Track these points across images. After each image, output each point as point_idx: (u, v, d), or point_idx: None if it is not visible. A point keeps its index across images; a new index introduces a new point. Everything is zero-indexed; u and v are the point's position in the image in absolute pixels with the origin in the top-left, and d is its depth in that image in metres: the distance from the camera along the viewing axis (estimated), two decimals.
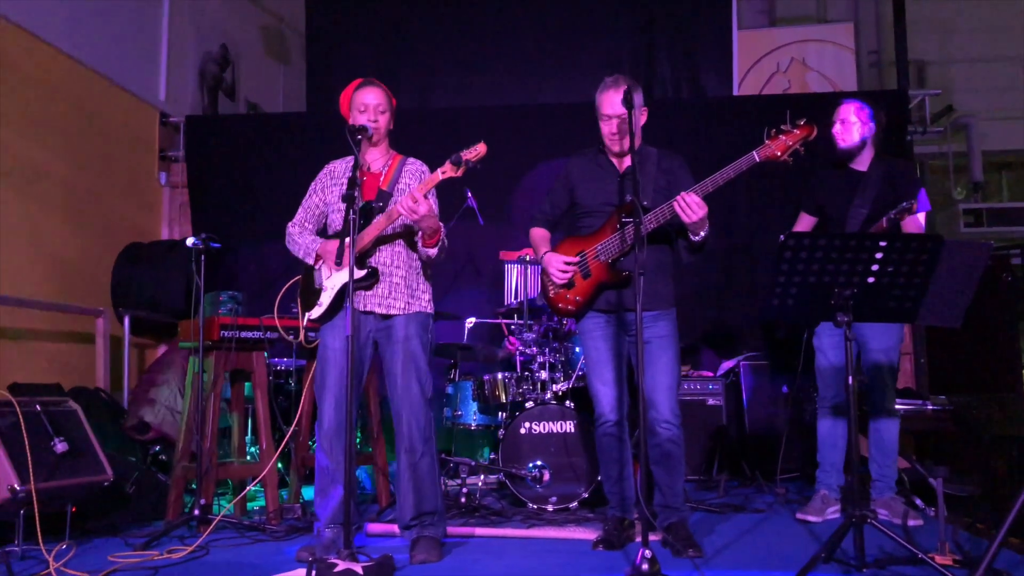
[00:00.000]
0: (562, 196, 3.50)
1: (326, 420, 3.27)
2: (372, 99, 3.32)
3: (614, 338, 3.34)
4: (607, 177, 3.40)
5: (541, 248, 3.45)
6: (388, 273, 3.30)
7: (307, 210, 3.49)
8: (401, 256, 3.34)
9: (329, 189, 3.44)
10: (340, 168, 3.48)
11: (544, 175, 6.32)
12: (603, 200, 3.36)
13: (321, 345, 3.36)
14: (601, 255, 3.31)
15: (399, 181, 3.36)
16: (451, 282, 6.24)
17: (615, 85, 3.28)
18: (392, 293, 3.30)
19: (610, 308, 3.34)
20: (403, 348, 3.27)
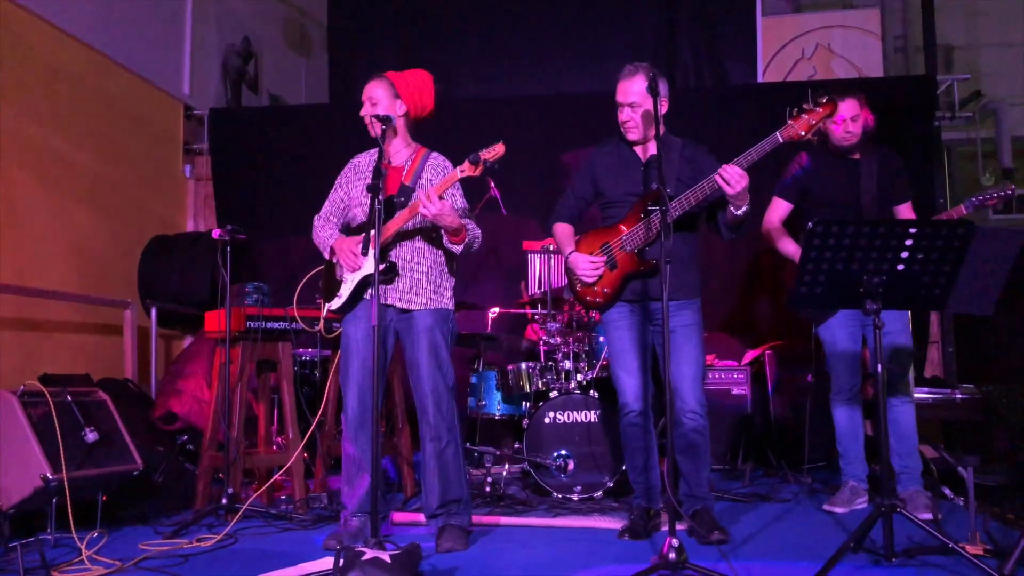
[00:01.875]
0: (586, 188, 3.48)
1: (350, 409, 3.29)
2: (367, 92, 3.35)
3: (639, 327, 3.33)
4: (630, 167, 3.38)
5: (566, 247, 3.44)
6: (410, 268, 3.31)
7: (332, 203, 3.50)
8: (423, 252, 3.34)
9: (353, 183, 3.45)
10: (364, 161, 3.49)
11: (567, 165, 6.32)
12: (627, 190, 3.34)
13: (344, 335, 3.38)
14: (627, 245, 3.30)
15: (421, 176, 3.36)
16: (473, 273, 6.26)
17: (629, 74, 3.27)
18: (413, 288, 3.31)
19: (636, 298, 3.33)
20: (425, 338, 3.28)
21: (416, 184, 3.34)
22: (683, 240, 3.30)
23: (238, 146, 6.76)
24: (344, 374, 3.33)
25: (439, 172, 3.38)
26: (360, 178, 3.43)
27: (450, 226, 3.18)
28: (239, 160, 6.75)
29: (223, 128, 6.80)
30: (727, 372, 5.25)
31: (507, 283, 6.11)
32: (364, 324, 3.31)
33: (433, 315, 3.31)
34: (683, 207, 3.15)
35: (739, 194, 3.05)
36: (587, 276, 3.33)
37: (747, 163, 3.06)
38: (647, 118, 3.27)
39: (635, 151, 3.39)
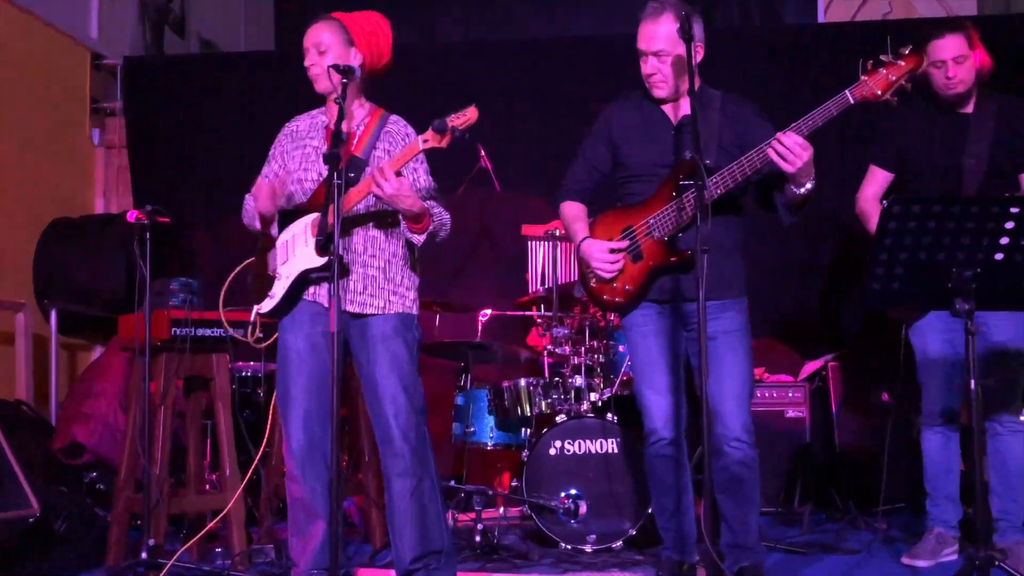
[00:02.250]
0: (601, 156, 3.47)
1: (293, 440, 3.29)
2: (311, 38, 3.33)
3: (669, 334, 3.34)
4: (658, 130, 3.37)
5: (578, 232, 3.44)
6: (361, 263, 3.30)
7: (265, 178, 3.47)
8: (378, 242, 3.33)
9: (290, 154, 3.43)
10: (304, 127, 3.47)
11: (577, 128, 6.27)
12: (654, 160, 3.34)
13: (280, 347, 3.37)
14: (654, 231, 3.29)
15: (376, 146, 3.35)
16: (460, 265, 6.25)
17: (654, 14, 3.25)
18: (368, 288, 3.29)
19: (665, 297, 3.33)
20: (385, 349, 3.28)
21: (370, 156, 3.32)
22: (725, 225, 3.29)
23: (161, 104, 6.74)
24: (283, 396, 3.32)
25: (399, 141, 3.37)
26: (299, 147, 3.42)
27: (409, 210, 3.16)
28: (162, 122, 6.73)
29: (141, 81, 6.77)
30: (780, 389, 5.26)
31: (502, 278, 6.11)
32: (307, 330, 3.31)
33: (393, 321, 3.30)
34: (725, 183, 3.15)
35: (801, 170, 3.04)
36: (604, 270, 3.33)
37: (808, 130, 3.04)
38: (678, 68, 3.26)
39: (663, 110, 3.38)
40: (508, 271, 6.07)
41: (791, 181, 3.11)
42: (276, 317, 3.38)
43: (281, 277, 3.33)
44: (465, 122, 3.05)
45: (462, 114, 3.06)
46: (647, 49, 3.28)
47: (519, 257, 5.76)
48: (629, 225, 3.34)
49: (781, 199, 3.25)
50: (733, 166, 3.14)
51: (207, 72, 6.90)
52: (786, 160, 3.01)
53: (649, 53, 3.28)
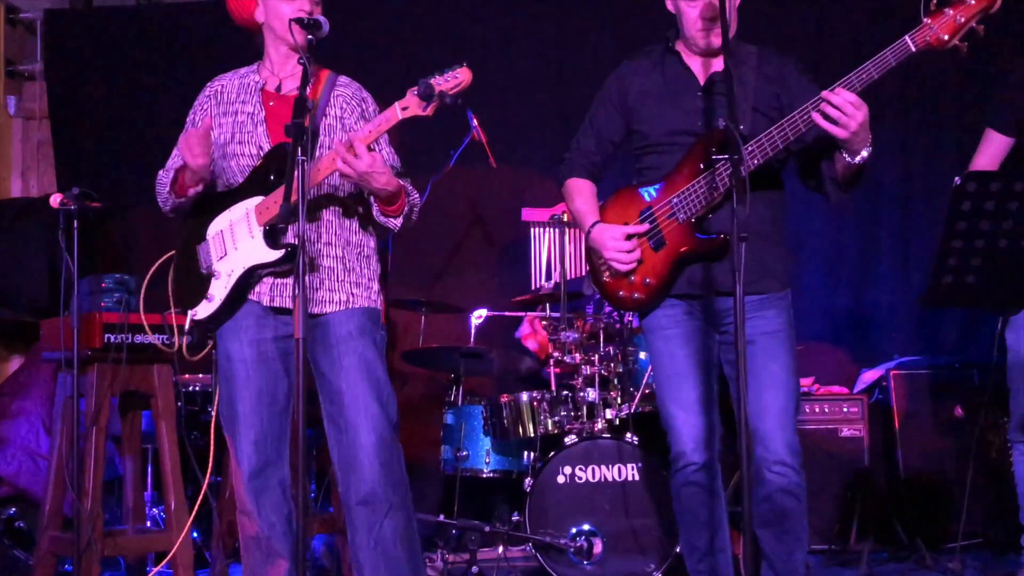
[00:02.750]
0: (613, 124, 3.47)
1: (244, 467, 3.27)
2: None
3: (698, 337, 3.34)
4: (682, 91, 3.36)
5: (586, 215, 3.43)
6: (317, 254, 3.29)
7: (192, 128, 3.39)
8: (334, 228, 3.32)
9: (216, 120, 3.39)
10: (231, 87, 3.44)
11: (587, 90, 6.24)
12: (677, 126, 3.33)
13: (222, 357, 3.35)
14: (679, 212, 3.29)
15: (327, 113, 3.33)
16: (448, 257, 6.25)
17: None
18: (326, 282, 3.29)
19: (694, 291, 3.32)
20: (351, 351, 3.27)
21: (319, 124, 3.30)
22: (764, 203, 3.27)
23: (90, 66, 6.72)
24: (229, 416, 3.30)
25: (353, 108, 3.36)
26: (228, 114, 3.39)
27: (383, 189, 3.14)
28: (92, 87, 6.71)
29: (66, 40, 6.75)
30: (833, 403, 5.25)
31: (499, 272, 6.12)
32: (253, 336, 3.29)
33: (358, 318, 3.31)
34: (764, 153, 3.14)
35: (856, 133, 3.02)
36: (619, 260, 3.33)
37: (862, 84, 3.03)
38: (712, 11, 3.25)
39: (688, 66, 3.38)
40: (506, 264, 6.08)
41: (844, 149, 3.10)
42: (216, 324, 3.34)
43: (220, 275, 3.30)
44: (456, 85, 2.99)
45: (452, 75, 2.99)
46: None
47: (519, 247, 5.76)
48: (648, 206, 3.34)
49: (829, 171, 3.24)
50: (772, 131, 3.12)
51: (147, 26, 6.86)
52: (837, 123, 3.01)
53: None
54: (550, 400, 4.62)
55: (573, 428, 4.50)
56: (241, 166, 3.32)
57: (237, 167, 3.32)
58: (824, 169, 3.27)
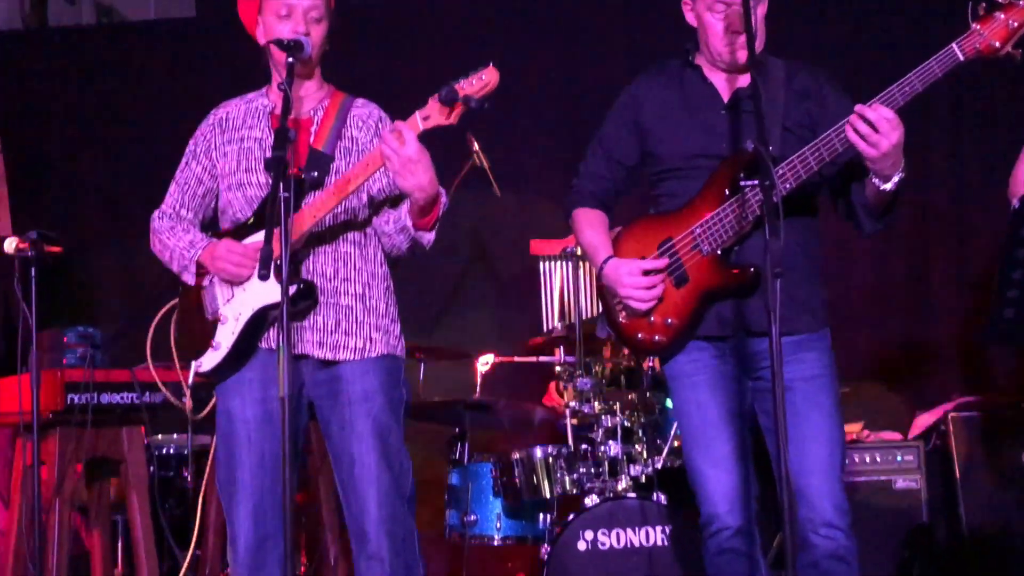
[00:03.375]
0: (626, 145, 3.46)
1: (241, 538, 3.27)
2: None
3: (729, 384, 3.31)
4: (704, 109, 3.36)
5: (598, 248, 3.41)
6: (333, 291, 3.30)
7: (183, 187, 3.47)
8: (353, 260, 3.34)
9: (220, 149, 3.42)
10: (238, 114, 3.46)
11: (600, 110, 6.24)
12: (699, 148, 3.32)
13: (222, 416, 3.35)
14: (703, 243, 3.27)
15: (342, 136, 3.35)
16: (449, 296, 6.25)
17: None
18: (343, 324, 3.29)
19: (723, 332, 3.30)
20: (362, 411, 3.27)
21: (336, 149, 3.33)
22: (799, 231, 3.27)
23: (46, 92, 6.77)
24: (227, 483, 3.30)
25: (372, 126, 3.39)
26: (233, 141, 3.41)
27: (426, 191, 3.11)
28: (48, 115, 6.75)
29: (18, 62, 6.81)
30: (886, 451, 5.21)
31: (507, 313, 6.14)
32: (257, 393, 3.29)
33: (376, 370, 3.31)
34: (797, 176, 3.13)
35: (886, 155, 3.00)
36: (637, 298, 3.31)
37: (904, 98, 3.02)
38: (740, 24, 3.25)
39: (711, 81, 3.38)
40: (514, 303, 6.09)
41: (874, 172, 3.10)
42: (222, 376, 3.34)
43: (227, 320, 3.31)
44: (483, 88, 3.01)
45: (477, 77, 3.01)
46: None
47: (528, 284, 5.76)
48: (668, 237, 3.32)
49: (859, 198, 3.23)
50: (805, 151, 3.11)
51: (107, 48, 6.93)
52: (867, 140, 3.00)
53: (735, 4, 3.21)
54: (567, 456, 4.60)
55: (594, 487, 4.48)
56: (249, 197, 3.33)
57: (244, 198, 3.34)
58: (854, 195, 3.26)
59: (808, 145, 3.13)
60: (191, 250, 3.38)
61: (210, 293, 3.37)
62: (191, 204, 3.48)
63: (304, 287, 3.24)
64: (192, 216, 3.48)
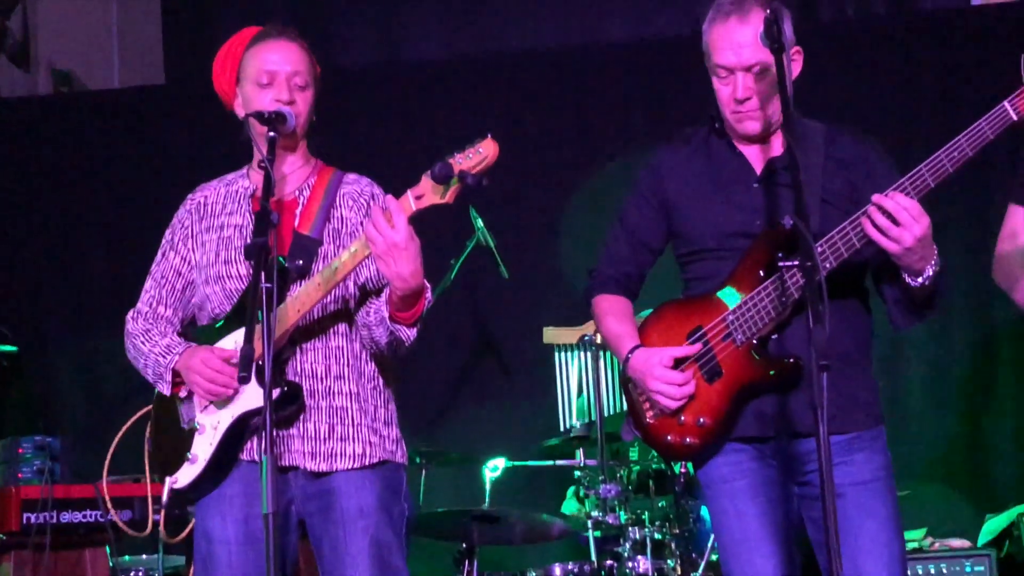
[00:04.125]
0: (649, 225, 3.48)
1: None
2: (282, 60, 3.33)
3: (772, 490, 3.29)
4: (735, 183, 3.37)
5: (622, 338, 3.41)
6: (325, 391, 3.30)
7: (160, 282, 3.48)
8: (345, 356, 3.34)
9: (198, 238, 3.44)
10: (216, 198, 3.49)
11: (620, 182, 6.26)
12: (731, 226, 3.33)
13: (200, 536, 3.34)
14: (737, 332, 3.27)
15: (330, 217, 3.37)
16: (453, 391, 6.25)
17: (739, 10, 3.26)
18: (336, 430, 3.29)
19: (763, 432, 3.30)
20: (359, 532, 3.25)
21: (324, 232, 3.35)
22: (846, 316, 3.27)
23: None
24: None
25: (361, 204, 3.41)
26: (212, 228, 3.43)
27: (409, 283, 3.09)
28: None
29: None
30: (953, 561, 5.19)
31: (518, 409, 6.14)
32: (239, 511, 3.28)
33: (374, 482, 3.30)
34: (838, 255, 3.13)
35: (911, 250, 3.03)
36: (666, 394, 3.30)
37: (936, 177, 3.04)
38: (771, 91, 3.28)
39: (741, 151, 3.41)
40: (527, 399, 6.11)
41: (902, 266, 3.10)
42: (200, 492, 3.34)
43: (204, 430, 3.30)
44: (480, 163, 2.98)
45: (474, 151, 2.99)
46: (735, 63, 3.26)
47: (542, 377, 5.78)
48: (698, 325, 3.32)
49: (891, 291, 3.24)
50: (846, 227, 3.12)
51: (65, 117, 6.98)
52: (888, 235, 3.01)
53: (739, 69, 3.29)
54: (590, 573, 4.58)
55: None
56: (228, 291, 3.32)
57: (224, 292, 3.34)
58: (884, 288, 3.27)
59: (848, 220, 3.14)
60: (166, 356, 3.37)
61: (186, 402, 3.37)
62: (169, 300, 3.49)
63: (289, 390, 3.22)
64: (171, 314, 3.48)
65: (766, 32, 3.09)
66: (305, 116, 3.38)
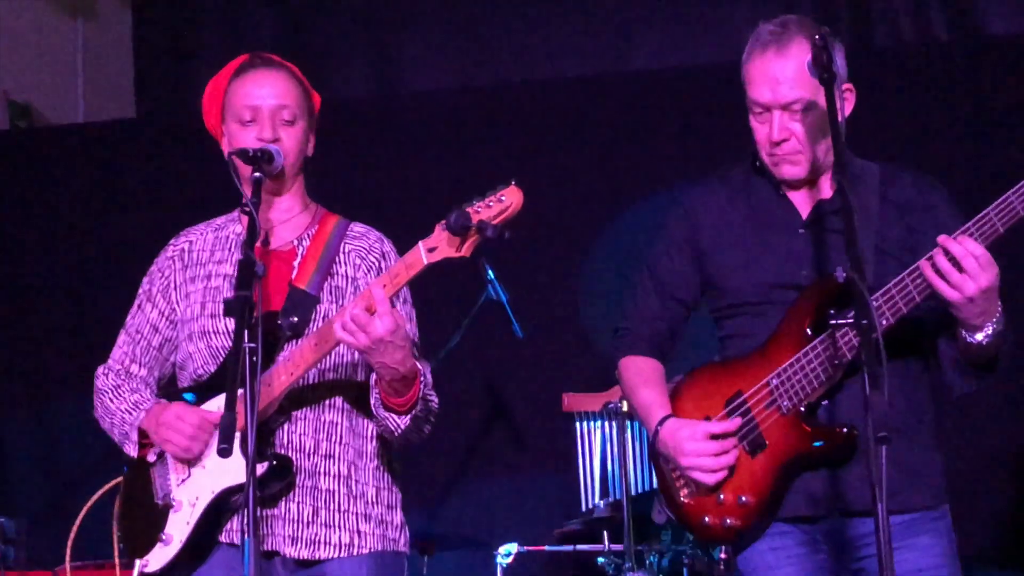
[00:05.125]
0: (682, 275, 3.49)
1: None
2: (266, 94, 3.36)
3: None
4: (779, 228, 3.40)
5: (652, 406, 3.41)
6: (312, 470, 3.31)
7: (134, 337, 3.50)
8: (339, 432, 3.35)
9: (181, 288, 3.47)
10: (204, 244, 3.52)
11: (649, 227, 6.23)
12: (774, 277, 3.35)
13: None
14: (782, 399, 3.28)
15: (332, 272, 3.39)
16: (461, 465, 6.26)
17: (779, 40, 3.28)
18: (321, 515, 3.30)
19: (812, 512, 3.30)
20: None
21: (325, 289, 3.36)
22: (906, 380, 3.29)
23: None
24: None
25: (371, 262, 3.43)
26: (198, 278, 3.46)
27: (395, 369, 3.12)
28: None
29: None
30: None
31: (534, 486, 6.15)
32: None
33: (369, 571, 3.32)
34: (896, 311, 3.14)
35: (972, 300, 3.02)
36: (702, 468, 3.30)
37: (1006, 221, 3.05)
38: (817, 128, 3.29)
39: (786, 194, 3.42)
40: (543, 475, 6.11)
41: (961, 321, 3.10)
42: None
43: (180, 506, 3.31)
44: (502, 213, 2.98)
45: (495, 199, 2.99)
46: (771, 100, 3.29)
47: (561, 450, 5.78)
48: (738, 391, 3.34)
49: (948, 349, 3.23)
50: (904, 279, 3.13)
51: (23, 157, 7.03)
52: (949, 281, 3.01)
53: (776, 107, 3.31)
54: None
55: None
56: (214, 348, 3.33)
57: (209, 350, 3.34)
58: (941, 345, 3.27)
59: (907, 271, 3.14)
60: (132, 413, 3.39)
61: (160, 471, 3.37)
62: (144, 359, 3.50)
63: (278, 465, 3.22)
64: (145, 373, 3.50)
65: (814, 60, 3.11)
66: (295, 154, 3.40)
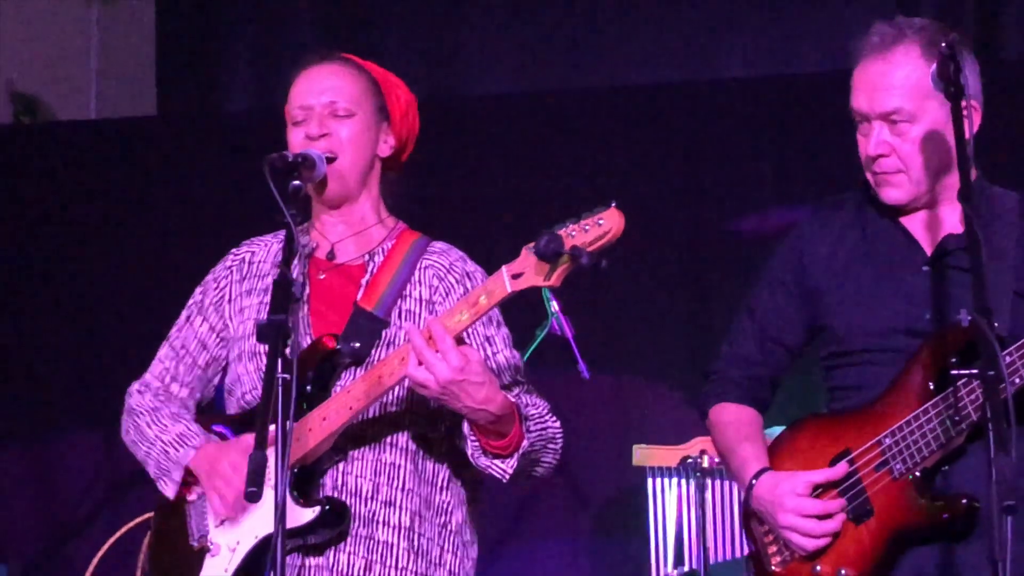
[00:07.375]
0: (786, 315, 3.51)
1: None
2: (318, 89, 3.38)
3: None
4: (897, 265, 3.40)
5: (746, 461, 3.42)
6: (368, 517, 3.32)
7: (178, 355, 3.53)
8: (401, 477, 3.36)
9: (236, 302, 3.50)
10: (266, 255, 3.54)
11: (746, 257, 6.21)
12: (891, 321, 3.35)
13: None
14: (895, 460, 3.27)
15: (405, 294, 3.41)
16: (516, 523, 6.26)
17: (884, 44, 3.32)
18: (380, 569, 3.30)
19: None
20: None
21: (394, 312, 3.38)
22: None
23: None
24: None
25: (450, 284, 3.44)
26: (254, 292, 3.49)
27: (478, 412, 3.11)
28: None
29: None
30: None
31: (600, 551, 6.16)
32: None
33: None
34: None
35: None
36: (804, 532, 3.31)
37: None
38: (933, 148, 3.30)
39: (905, 226, 3.43)
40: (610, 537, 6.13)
41: None
42: None
43: (219, 551, 3.33)
44: (600, 238, 2.95)
45: (592, 222, 2.96)
46: (868, 109, 3.31)
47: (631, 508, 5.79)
48: (846, 448, 3.34)
49: None
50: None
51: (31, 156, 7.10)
52: None
53: (873, 116, 3.33)
54: None
55: None
56: (264, 372, 3.18)
57: (258, 373, 3.33)
58: None
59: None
60: (179, 449, 3.38)
61: (198, 510, 3.39)
62: (186, 377, 3.52)
63: (330, 510, 3.22)
64: (186, 394, 3.52)
65: (939, 72, 3.11)
66: (353, 150, 3.39)
